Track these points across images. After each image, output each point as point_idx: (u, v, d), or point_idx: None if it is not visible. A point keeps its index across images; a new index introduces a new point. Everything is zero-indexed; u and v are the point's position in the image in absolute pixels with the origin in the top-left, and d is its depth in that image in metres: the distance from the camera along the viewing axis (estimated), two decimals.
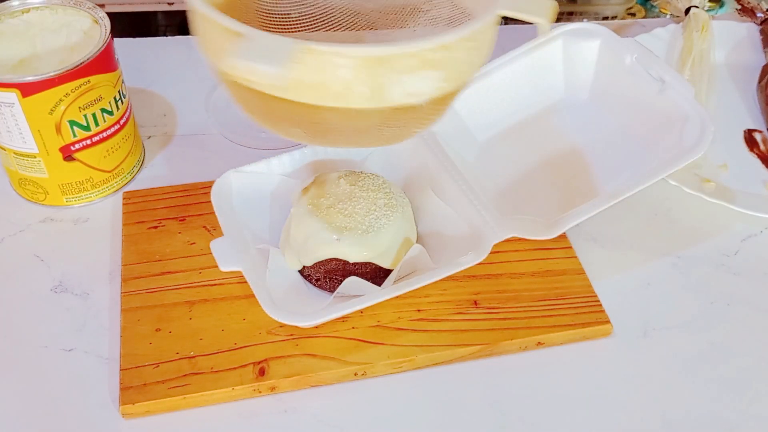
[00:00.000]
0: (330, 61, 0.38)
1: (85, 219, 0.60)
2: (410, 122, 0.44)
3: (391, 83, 0.39)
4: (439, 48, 0.39)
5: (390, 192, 0.54)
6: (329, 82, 0.39)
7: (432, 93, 0.41)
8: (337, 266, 0.51)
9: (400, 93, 0.40)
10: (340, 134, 0.43)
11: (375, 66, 0.39)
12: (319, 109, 0.40)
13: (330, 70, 0.38)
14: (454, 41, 0.40)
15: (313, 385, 0.49)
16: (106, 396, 0.49)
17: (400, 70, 0.39)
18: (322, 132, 0.43)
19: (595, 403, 0.49)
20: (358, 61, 0.38)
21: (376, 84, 0.39)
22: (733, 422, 0.49)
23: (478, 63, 0.44)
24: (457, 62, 0.41)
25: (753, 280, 0.57)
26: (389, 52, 0.38)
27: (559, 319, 0.52)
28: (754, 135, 0.69)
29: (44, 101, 0.53)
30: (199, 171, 0.63)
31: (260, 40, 0.37)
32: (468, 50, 0.41)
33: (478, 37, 0.41)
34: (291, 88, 0.39)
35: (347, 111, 0.41)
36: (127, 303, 0.52)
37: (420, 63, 0.39)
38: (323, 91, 0.39)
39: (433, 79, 0.40)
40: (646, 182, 0.54)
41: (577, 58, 0.64)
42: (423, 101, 0.41)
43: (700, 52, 0.73)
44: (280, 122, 0.43)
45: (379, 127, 0.43)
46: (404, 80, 0.40)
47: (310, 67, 0.38)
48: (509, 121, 0.64)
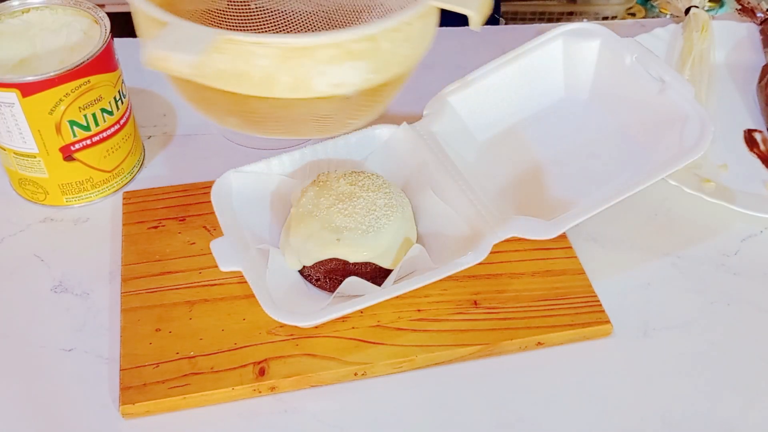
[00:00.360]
0: (249, 50, 0.38)
1: (85, 219, 0.60)
2: (342, 113, 0.44)
3: (314, 74, 0.39)
4: (362, 39, 0.39)
5: (390, 192, 0.54)
6: (251, 72, 0.39)
7: (359, 84, 0.41)
8: (337, 266, 0.51)
9: (324, 84, 0.40)
10: (274, 123, 0.44)
11: (296, 56, 0.39)
12: (247, 98, 0.41)
13: (249, 59, 0.39)
14: (378, 32, 0.40)
15: (313, 385, 0.49)
16: (106, 396, 0.49)
17: (322, 61, 0.39)
18: (256, 121, 0.44)
19: (595, 403, 0.49)
20: (278, 50, 0.38)
21: (298, 74, 0.39)
22: (733, 422, 0.49)
23: (411, 55, 0.43)
24: (384, 53, 0.41)
25: (753, 280, 0.57)
26: (309, 43, 0.38)
27: (559, 319, 0.52)
28: (754, 135, 0.69)
29: (44, 101, 0.53)
30: (199, 171, 0.63)
31: (182, 30, 0.38)
32: (396, 41, 0.41)
33: (405, 28, 0.41)
34: (216, 78, 0.40)
35: (274, 101, 0.41)
36: (127, 303, 0.52)
37: (343, 54, 0.39)
38: (246, 80, 0.40)
39: (357, 69, 0.40)
40: (646, 182, 0.54)
41: (577, 58, 0.64)
42: (350, 92, 0.41)
43: (700, 52, 0.73)
44: (216, 111, 0.44)
45: (309, 117, 0.43)
46: (327, 71, 0.40)
47: (230, 57, 0.39)
48: (509, 121, 0.64)
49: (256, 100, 0.41)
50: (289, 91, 0.40)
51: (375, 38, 0.40)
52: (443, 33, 0.79)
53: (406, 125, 0.59)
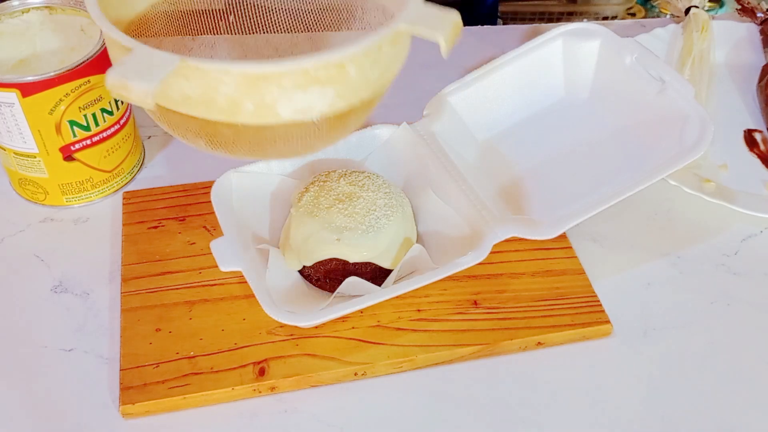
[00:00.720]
0: (213, 77, 0.38)
1: (85, 219, 0.60)
2: (309, 138, 0.43)
3: (279, 100, 0.39)
4: (328, 65, 0.39)
5: (390, 192, 0.54)
6: (216, 98, 0.39)
7: (325, 110, 0.41)
8: (337, 266, 0.51)
9: (290, 110, 0.40)
10: (240, 146, 0.43)
11: (260, 83, 0.38)
12: (211, 123, 0.40)
13: (214, 86, 0.38)
14: (344, 58, 0.39)
15: (313, 385, 0.49)
16: (106, 396, 0.49)
17: (286, 88, 0.39)
18: (223, 144, 0.43)
19: (595, 403, 0.49)
20: (242, 78, 0.38)
21: (263, 100, 0.39)
22: (733, 422, 0.49)
23: (379, 79, 0.42)
24: (351, 79, 0.40)
25: (753, 280, 0.57)
26: (273, 70, 0.38)
27: (559, 319, 0.52)
28: (754, 135, 0.69)
29: (44, 101, 0.53)
30: (199, 171, 0.63)
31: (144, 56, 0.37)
32: (363, 67, 0.40)
33: (372, 53, 0.40)
34: (181, 103, 0.39)
35: (240, 126, 0.40)
36: (127, 303, 0.52)
37: (308, 80, 0.39)
38: (212, 106, 0.39)
39: (323, 96, 0.40)
40: (646, 182, 0.54)
41: (577, 58, 0.64)
42: (315, 118, 0.41)
43: (700, 52, 0.73)
44: (184, 133, 0.43)
45: (275, 141, 0.43)
46: (292, 97, 0.39)
47: (195, 84, 0.38)
48: (509, 121, 0.64)
49: (223, 125, 0.41)
50: (255, 117, 0.40)
51: (342, 65, 0.39)
52: None
53: (406, 125, 0.59)
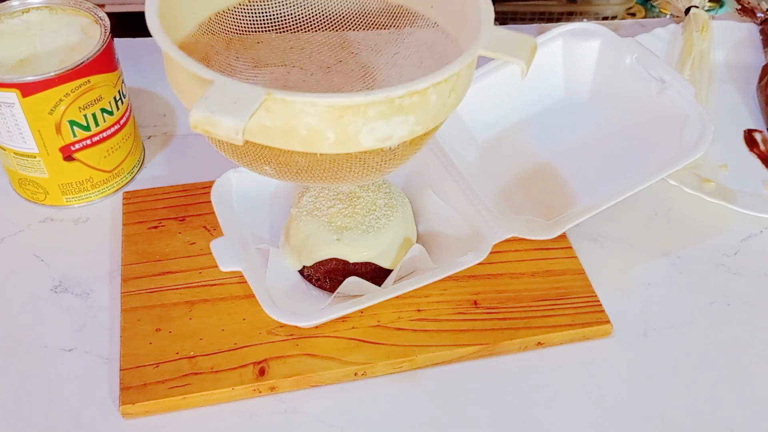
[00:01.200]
0: (298, 109, 0.37)
1: (85, 219, 0.60)
2: (382, 164, 0.43)
3: (361, 130, 0.39)
4: (412, 94, 0.38)
5: (390, 192, 0.54)
6: (298, 130, 0.38)
7: (405, 137, 0.40)
8: (337, 266, 0.51)
9: (371, 139, 0.39)
10: (310, 174, 0.43)
11: (344, 114, 0.38)
12: (287, 152, 0.40)
13: (297, 117, 0.38)
14: (429, 86, 0.39)
15: (313, 385, 0.49)
16: (106, 396, 0.49)
17: (371, 118, 0.38)
18: (292, 172, 0.43)
19: (595, 403, 0.49)
20: (327, 109, 0.37)
21: (344, 131, 0.38)
22: (733, 422, 0.49)
23: (453, 103, 0.42)
24: (430, 105, 0.40)
25: (753, 280, 0.57)
26: (360, 101, 0.37)
27: (559, 319, 0.52)
28: (754, 135, 0.69)
29: (44, 101, 0.53)
30: (199, 171, 0.63)
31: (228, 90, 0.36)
32: (443, 93, 0.40)
33: (452, 80, 0.40)
34: (260, 135, 0.39)
35: (315, 155, 0.40)
36: (127, 303, 0.52)
37: (392, 109, 0.38)
38: (291, 137, 0.38)
39: (405, 123, 0.40)
40: (646, 182, 0.54)
41: (577, 58, 0.64)
42: (394, 145, 0.41)
43: (700, 52, 0.73)
44: (252, 161, 0.43)
45: (349, 169, 0.42)
46: (373, 126, 0.39)
47: (277, 115, 0.37)
48: (509, 121, 0.64)
49: (299, 155, 0.40)
50: (336, 147, 0.39)
51: (425, 92, 0.39)
52: None
53: None
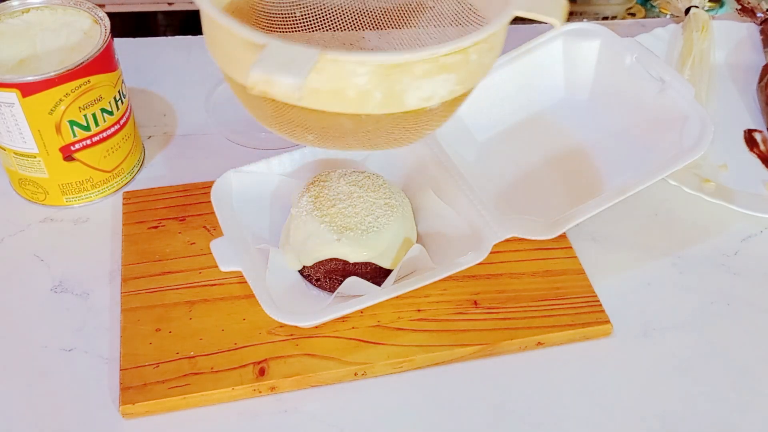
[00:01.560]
0: (348, 69, 0.38)
1: (85, 219, 0.60)
2: (420, 125, 0.44)
3: (407, 89, 0.39)
4: (456, 52, 0.39)
5: (390, 192, 0.54)
6: (346, 90, 0.39)
7: (445, 96, 0.41)
8: (337, 266, 0.51)
9: (416, 98, 0.40)
10: (352, 138, 0.43)
11: (392, 73, 0.38)
12: (333, 115, 0.40)
13: (347, 78, 0.38)
14: (470, 45, 0.39)
15: (313, 385, 0.49)
16: (106, 396, 0.49)
17: (418, 76, 0.39)
18: (334, 137, 0.43)
19: (595, 403, 0.49)
20: (376, 68, 0.38)
21: (392, 90, 0.39)
22: (733, 422, 0.49)
23: (490, 64, 0.43)
24: (470, 65, 0.41)
25: (753, 280, 0.57)
26: (409, 59, 0.38)
27: (559, 319, 0.52)
28: (754, 135, 0.69)
29: (44, 101, 0.53)
30: (199, 171, 0.63)
31: (282, 51, 0.36)
32: (481, 53, 0.41)
33: (491, 39, 0.41)
34: (310, 98, 0.39)
35: (361, 116, 0.40)
36: (127, 303, 0.52)
37: (437, 67, 0.39)
38: (339, 98, 0.39)
39: (447, 82, 0.40)
40: (646, 182, 0.54)
41: (577, 58, 0.64)
42: (435, 104, 0.41)
43: (700, 52, 0.73)
44: (293, 128, 0.43)
45: (390, 130, 0.43)
46: (419, 85, 0.39)
47: (327, 76, 0.38)
48: (509, 121, 0.64)
49: (345, 117, 0.41)
50: (381, 107, 0.40)
51: (467, 51, 0.40)
52: None
53: None
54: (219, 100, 0.70)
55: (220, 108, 0.70)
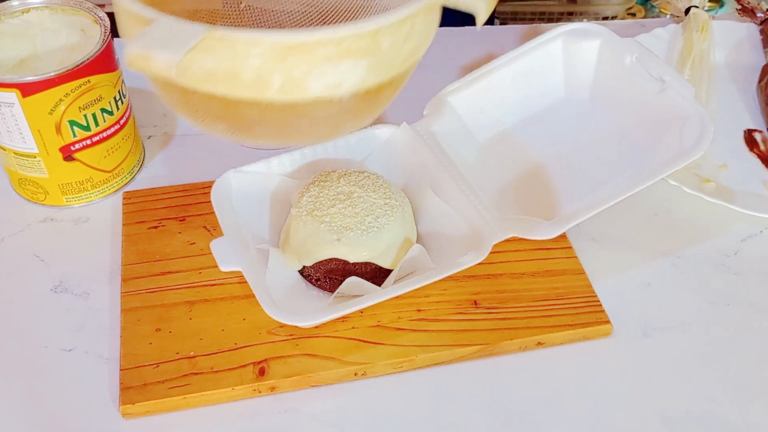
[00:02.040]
0: (240, 49, 0.36)
1: (85, 219, 0.60)
2: (336, 118, 0.41)
3: (310, 74, 0.37)
4: (363, 35, 0.37)
5: (390, 192, 0.54)
6: (242, 73, 0.36)
7: (357, 85, 0.39)
8: (337, 266, 0.51)
9: (321, 85, 0.37)
10: (264, 129, 0.41)
11: (292, 54, 0.36)
12: (237, 102, 0.38)
13: (241, 59, 0.36)
14: (380, 27, 0.37)
15: (313, 385, 0.49)
16: (106, 396, 0.49)
17: (319, 60, 0.36)
18: (245, 127, 0.41)
19: (595, 403, 0.49)
20: (273, 48, 0.36)
21: (293, 74, 0.37)
22: (733, 422, 0.49)
23: (411, 55, 0.40)
24: (384, 52, 0.38)
25: (753, 280, 0.57)
26: (307, 39, 0.36)
27: (559, 319, 0.52)
28: (754, 135, 0.69)
29: (44, 101, 0.53)
30: (199, 171, 0.63)
31: (166, 27, 0.35)
32: (397, 39, 0.38)
33: (407, 24, 0.38)
34: (203, 79, 0.37)
35: (265, 105, 0.38)
36: (127, 303, 0.52)
37: (342, 52, 0.37)
38: (237, 82, 0.37)
39: (355, 69, 0.38)
40: (646, 182, 0.54)
41: (577, 58, 0.64)
42: (347, 94, 0.39)
43: (700, 52, 0.73)
44: (202, 116, 0.41)
45: (301, 121, 0.41)
46: (324, 70, 0.37)
47: (219, 56, 0.36)
48: (509, 121, 0.64)
49: (247, 105, 0.38)
50: (283, 93, 0.38)
51: (376, 34, 0.37)
52: (443, 33, 0.78)
53: (406, 125, 0.59)
54: None
55: None
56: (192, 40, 0.34)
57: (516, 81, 0.64)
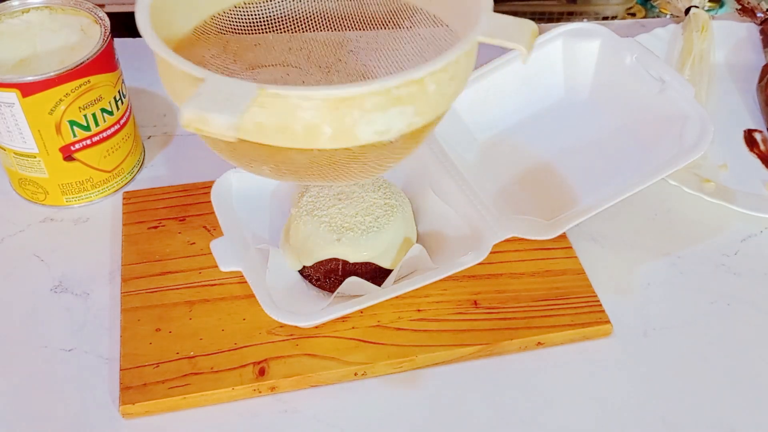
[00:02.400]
0: (292, 103, 0.36)
1: (85, 219, 0.60)
2: (381, 158, 0.42)
3: (359, 123, 0.37)
4: (409, 83, 0.38)
5: (390, 192, 0.54)
6: (293, 125, 0.37)
7: (403, 129, 0.39)
8: (337, 266, 0.51)
9: (369, 132, 0.38)
10: (308, 172, 0.42)
11: (342, 107, 0.37)
12: (284, 150, 0.39)
13: (292, 112, 0.37)
14: (426, 75, 0.38)
15: (313, 385, 0.49)
16: (106, 396, 0.49)
17: (368, 110, 0.37)
18: (291, 171, 0.42)
19: (595, 403, 0.49)
20: (323, 102, 0.36)
21: (343, 124, 0.37)
22: (733, 422, 0.49)
23: (454, 92, 0.41)
24: (429, 95, 0.39)
25: (753, 280, 0.57)
26: (356, 93, 0.36)
27: (559, 319, 0.52)
28: (754, 135, 0.69)
29: (44, 101, 0.53)
30: (199, 171, 0.63)
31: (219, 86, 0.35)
32: (442, 82, 0.39)
33: (451, 68, 0.39)
34: (255, 132, 0.38)
35: (313, 152, 0.39)
36: (127, 303, 0.52)
37: (389, 100, 0.37)
38: (286, 133, 0.37)
39: (403, 114, 0.38)
40: (646, 182, 0.54)
41: (577, 58, 0.64)
42: (393, 138, 0.40)
43: (700, 52, 0.73)
44: (249, 162, 0.42)
45: (348, 165, 0.41)
46: (371, 119, 0.38)
47: (270, 111, 0.37)
48: (509, 121, 0.64)
49: (296, 152, 0.39)
50: (333, 142, 0.38)
51: (422, 81, 0.38)
52: None
53: None
54: None
55: None
56: (246, 99, 0.35)
57: (516, 81, 0.64)
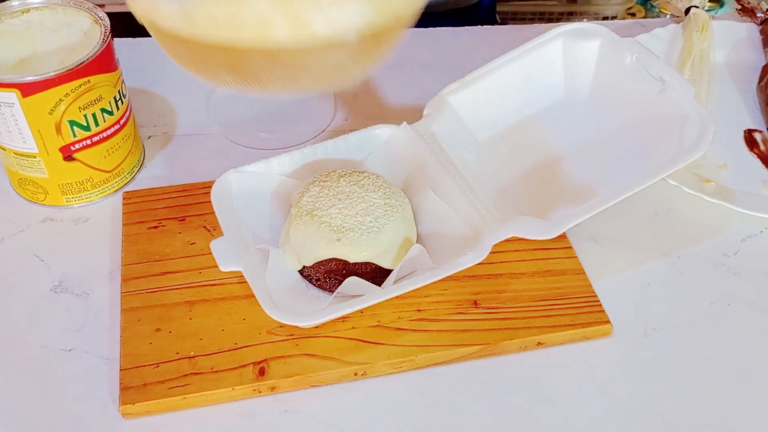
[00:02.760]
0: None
1: (85, 219, 0.60)
2: (342, 65, 0.41)
3: (312, 14, 0.37)
4: None
5: (390, 192, 0.54)
6: (246, 16, 0.37)
7: (361, 25, 0.39)
8: (337, 266, 0.51)
9: (324, 26, 0.38)
10: (272, 77, 0.41)
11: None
12: (243, 51, 0.38)
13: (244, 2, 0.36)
14: None
15: (313, 385, 0.49)
16: (106, 396, 0.49)
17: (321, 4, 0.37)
18: (254, 77, 0.41)
19: (595, 403, 0.49)
20: None
21: (294, 16, 0.37)
22: (733, 422, 0.49)
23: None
24: None
25: (753, 280, 0.57)
26: None
27: (559, 319, 0.52)
28: (754, 135, 0.69)
29: (44, 101, 0.53)
30: (199, 171, 0.63)
31: None
32: None
33: None
34: (208, 25, 0.37)
35: (272, 52, 0.38)
36: (127, 303, 0.52)
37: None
38: (241, 26, 0.37)
39: (359, 7, 0.38)
40: (646, 182, 0.54)
41: (577, 58, 0.64)
42: (351, 36, 0.39)
43: (700, 52, 0.73)
44: (211, 69, 0.41)
45: (310, 67, 0.40)
46: (326, 11, 0.37)
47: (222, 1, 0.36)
48: (509, 121, 0.64)
49: (253, 53, 0.38)
50: (288, 36, 0.37)
51: None
52: (443, 33, 0.79)
53: (406, 125, 0.59)
54: (219, 100, 0.70)
55: (221, 108, 0.70)
56: None
57: (516, 81, 0.64)
